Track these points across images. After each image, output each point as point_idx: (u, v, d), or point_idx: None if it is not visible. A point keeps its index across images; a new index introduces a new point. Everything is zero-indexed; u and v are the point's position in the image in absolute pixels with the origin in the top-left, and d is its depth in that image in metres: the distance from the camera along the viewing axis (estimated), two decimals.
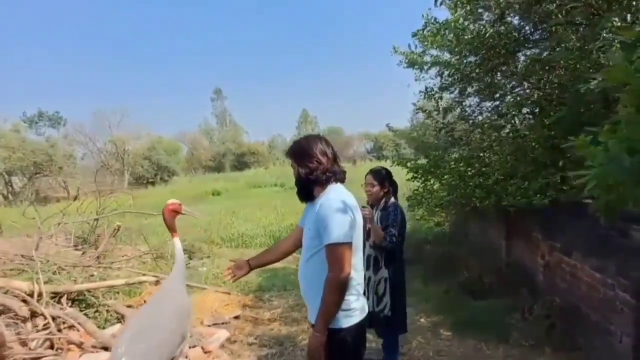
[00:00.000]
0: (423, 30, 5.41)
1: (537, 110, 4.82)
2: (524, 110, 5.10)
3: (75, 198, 7.85)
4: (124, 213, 8.53)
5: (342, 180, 1.91)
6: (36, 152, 26.18)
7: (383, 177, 3.07)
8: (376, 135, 46.13)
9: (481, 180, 4.81)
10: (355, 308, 1.83)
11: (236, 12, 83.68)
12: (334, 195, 1.81)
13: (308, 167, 1.84)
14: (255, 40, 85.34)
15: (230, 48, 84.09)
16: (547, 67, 4.47)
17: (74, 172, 28.80)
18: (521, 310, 3.89)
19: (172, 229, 2.34)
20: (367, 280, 2.92)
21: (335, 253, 1.71)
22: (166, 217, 2.32)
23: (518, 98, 5.05)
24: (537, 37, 4.81)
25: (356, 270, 1.81)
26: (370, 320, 2.13)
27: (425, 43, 5.58)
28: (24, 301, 3.43)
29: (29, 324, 3.31)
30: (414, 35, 5.55)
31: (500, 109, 5.22)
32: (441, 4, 5.08)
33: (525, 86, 5.15)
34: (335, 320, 1.78)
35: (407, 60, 5.99)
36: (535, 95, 4.85)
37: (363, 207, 2.76)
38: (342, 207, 1.74)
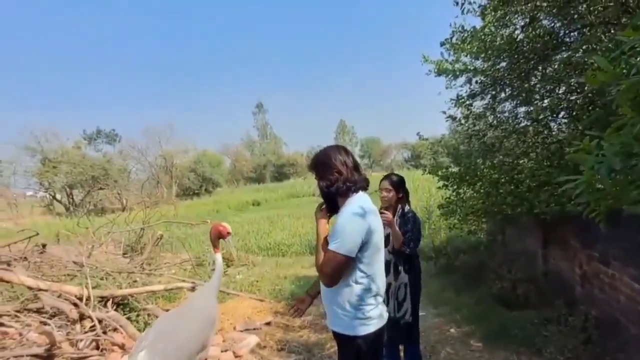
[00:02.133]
0: (451, 38, 5.40)
1: (573, 114, 4.63)
2: (560, 114, 4.91)
3: (124, 209, 8.43)
4: (170, 222, 9.05)
5: (364, 189, 1.91)
6: (94, 166, 28.37)
7: (398, 183, 3.10)
8: (413, 144, 45.76)
9: (513, 187, 4.68)
10: (372, 317, 1.83)
11: (275, 27, 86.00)
12: (353, 206, 1.81)
13: (328, 180, 1.87)
14: (294, 52, 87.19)
15: (270, 61, 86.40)
16: (581, 70, 4.30)
17: (127, 185, 30.78)
18: (557, 321, 3.72)
19: (214, 245, 2.52)
20: (387, 286, 2.95)
21: (328, 257, 1.74)
22: (212, 234, 2.51)
23: (553, 102, 4.87)
24: (571, 39, 4.64)
25: (373, 279, 1.81)
26: (391, 326, 2.15)
27: (455, 51, 5.54)
28: (74, 304, 3.76)
29: (77, 326, 3.62)
30: (443, 44, 5.53)
31: (534, 114, 5.05)
32: (468, 11, 5.06)
33: (561, 90, 4.97)
34: (352, 328, 1.81)
35: (436, 69, 5.96)
36: (571, 99, 4.67)
37: (383, 212, 2.82)
38: (358, 218, 1.75)
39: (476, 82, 5.39)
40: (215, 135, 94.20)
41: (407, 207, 3.11)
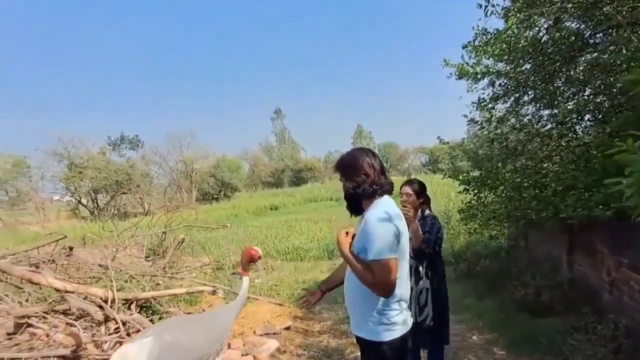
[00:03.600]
0: (474, 41, 5.34)
1: (599, 116, 4.50)
2: (586, 117, 4.78)
3: (147, 213, 8.61)
4: (190, 226, 9.19)
5: (389, 192, 1.91)
6: (118, 171, 29.14)
7: (419, 189, 3.08)
8: (431, 149, 45.50)
9: (537, 191, 4.58)
10: (397, 322, 1.82)
11: (292, 33, 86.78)
12: (379, 209, 1.81)
13: (355, 181, 1.86)
14: (311, 58, 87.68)
15: (288, 66, 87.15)
16: (608, 71, 4.19)
17: (149, 190, 31.48)
18: (584, 330, 3.59)
19: (244, 268, 2.53)
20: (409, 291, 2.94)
21: (379, 267, 1.71)
22: (244, 258, 2.52)
23: (579, 104, 4.75)
24: (597, 40, 4.53)
25: (398, 285, 1.79)
26: (413, 331, 2.13)
27: (477, 54, 5.48)
28: (100, 307, 3.84)
29: (102, 328, 3.70)
30: (465, 46, 5.48)
31: (559, 117, 4.94)
32: (491, 13, 5.00)
33: (587, 92, 4.84)
34: (376, 333, 1.80)
35: (457, 72, 5.89)
36: (598, 101, 4.54)
37: (404, 205, 2.84)
38: (387, 220, 1.75)
39: (499, 84, 5.31)
40: (234, 140, 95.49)
41: (427, 212, 3.09)
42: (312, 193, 28.85)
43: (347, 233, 1.90)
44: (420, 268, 3.00)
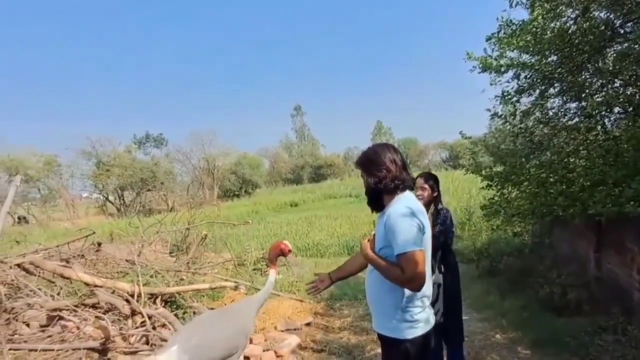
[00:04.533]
0: (498, 33, 5.21)
1: (630, 109, 4.33)
2: (615, 109, 4.60)
3: (171, 210, 8.82)
4: (212, 223, 9.36)
5: (411, 188, 1.91)
6: (143, 169, 29.99)
7: (433, 182, 3.07)
8: (451, 144, 44.74)
9: (564, 187, 4.44)
10: (420, 320, 1.82)
11: (311, 26, 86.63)
12: (401, 203, 1.80)
13: (377, 176, 1.86)
14: (331, 55, 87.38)
15: (307, 61, 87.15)
16: (639, 62, 4.02)
17: (173, 187, 32.22)
18: (613, 330, 3.48)
19: (272, 262, 2.46)
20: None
21: (406, 260, 1.70)
22: (272, 252, 2.45)
23: (608, 97, 4.58)
24: (628, 29, 4.34)
25: None
26: None
27: (501, 46, 5.35)
28: (127, 301, 3.98)
29: (129, 321, 3.83)
30: (488, 39, 5.35)
31: (587, 109, 4.77)
32: (517, 4, 4.87)
33: (617, 84, 4.66)
34: (399, 330, 1.80)
35: (481, 66, 5.76)
36: (628, 93, 4.37)
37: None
38: (410, 215, 1.74)
39: (525, 77, 5.16)
40: (254, 137, 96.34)
41: (440, 205, 3.08)
42: (332, 189, 28.85)
43: (368, 240, 1.91)
44: (433, 263, 2.98)
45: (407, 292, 1.79)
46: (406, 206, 1.77)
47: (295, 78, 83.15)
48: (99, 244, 5.56)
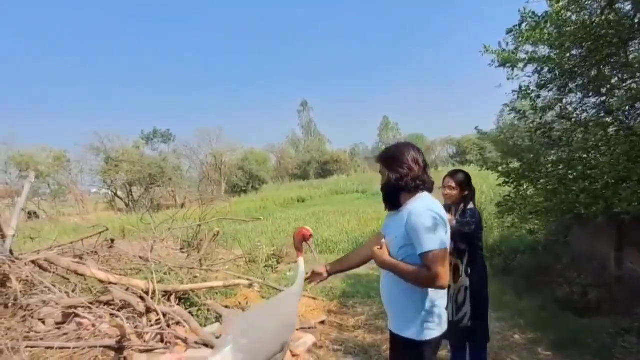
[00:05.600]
0: (520, 25, 5.08)
1: None
2: (638, 104, 4.46)
3: (182, 206, 8.80)
4: (224, 219, 9.33)
5: (430, 190, 1.89)
6: (151, 165, 30.11)
7: (462, 180, 2.94)
8: (459, 140, 44.45)
9: (587, 184, 4.32)
10: (436, 322, 1.82)
11: (317, 22, 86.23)
12: (422, 202, 1.79)
13: (398, 173, 1.84)
14: (336, 50, 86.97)
15: (312, 56, 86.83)
16: None
17: (180, 183, 32.32)
18: (637, 332, 3.39)
19: (298, 249, 2.46)
20: (447, 289, 2.84)
21: (433, 258, 1.68)
22: (296, 238, 2.44)
23: (631, 92, 4.44)
24: None
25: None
26: (451, 329, 2.07)
27: (520, 39, 5.21)
28: (141, 298, 3.95)
29: (144, 319, 3.80)
30: (509, 31, 5.22)
31: (607, 104, 4.63)
32: None
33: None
34: (420, 332, 1.79)
35: (499, 59, 5.63)
36: None
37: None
38: (432, 214, 1.73)
39: (547, 71, 5.02)
40: (261, 133, 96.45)
41: (470, 204, 2.96)
42: (338, 185, 28.77)
43: (380, 248, 1.88)
44: (460, 265, 2.89)
45: (431, 293, 1.78)
46: (426, 205, 1.77)
47: (301, 74, 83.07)
48: (112, 241, 5.55)
